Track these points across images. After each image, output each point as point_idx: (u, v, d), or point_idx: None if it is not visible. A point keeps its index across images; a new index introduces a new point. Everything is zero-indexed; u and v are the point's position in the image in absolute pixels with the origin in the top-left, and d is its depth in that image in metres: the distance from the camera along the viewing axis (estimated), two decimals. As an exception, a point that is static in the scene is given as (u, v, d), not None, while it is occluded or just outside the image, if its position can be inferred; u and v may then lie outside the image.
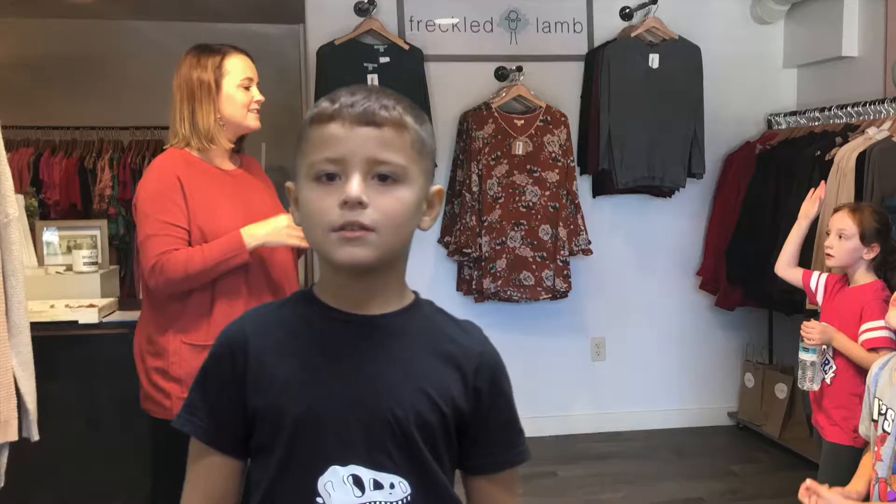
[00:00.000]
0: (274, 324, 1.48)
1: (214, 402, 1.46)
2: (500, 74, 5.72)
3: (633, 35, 5.61)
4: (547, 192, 5.49)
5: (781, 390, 5.61)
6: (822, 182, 4.12)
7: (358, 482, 1.40)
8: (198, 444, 1.48)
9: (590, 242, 5.59)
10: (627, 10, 5.81)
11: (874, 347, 3.39)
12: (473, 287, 5.55)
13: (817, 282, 3.79)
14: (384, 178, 1.37)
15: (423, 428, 1.42)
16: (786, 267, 3.94)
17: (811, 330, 3.51)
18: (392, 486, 1.42)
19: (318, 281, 1.50)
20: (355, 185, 1.34)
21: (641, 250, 6.00)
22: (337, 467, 1.40)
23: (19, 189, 5.57)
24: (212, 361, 1.49)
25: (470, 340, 1.51)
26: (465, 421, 1.47)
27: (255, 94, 3.10)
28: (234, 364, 1.45)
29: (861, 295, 3.54)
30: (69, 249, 4.57)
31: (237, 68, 3.06)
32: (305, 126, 1.42)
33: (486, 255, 5.44)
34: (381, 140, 1.36)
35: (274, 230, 2.94)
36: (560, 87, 5.79)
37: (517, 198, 5.47)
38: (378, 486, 1.41)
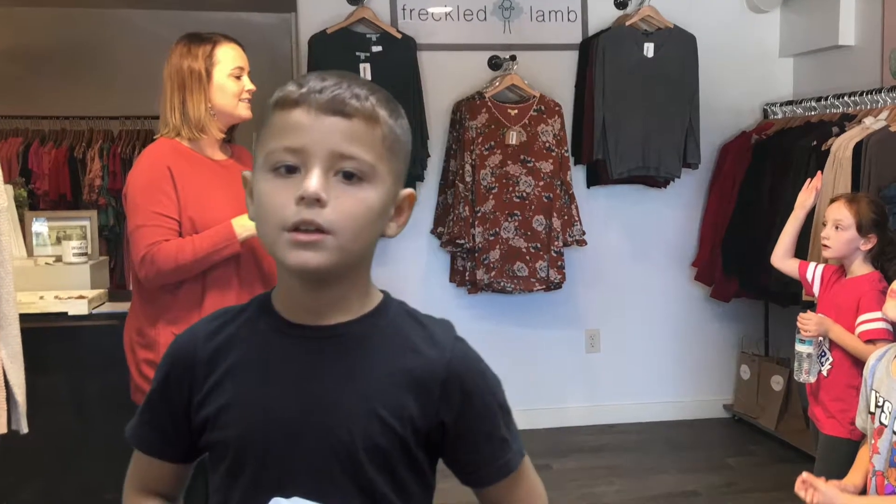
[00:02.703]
0: (225, 340, 1.38)
1: (163, 418, 1.41)
2: (494, 63, 5.69)
3: (627, 24, 5.58)
4: (541, 183, 5.46)
5: (777, 382, 5.59)
6: (819, 172, 4.09)
7: None
8: (143, 453, 1.45)
9: (584, 233, 5.57)
10: (622, -1, 5.79)
11: (871, 339, 3.37)
12: (467, 278, 5.52)
13: (814, 273, 3.77)
14: (349, 175, 1.26)
15: (374, 453, 1.31)
16: (782, 258, 3.92)
17: (807, 321, 3.50)
18: None
19: (276, 287, 1.41)
20: (314, 181, 1.23)
21: (636, 241, 5.98)
22: (280, 499, 1.28)
23: (8, 179, 5.54)
24: (161, 377, 1.42)
25: (436, 349, 1.36)
26: (434, 437, 1.36)
27: (247, 83, 3.09)
28: (181, 383, 1.38)
29: (858, 286, 3.52)
30: (58, 240, 4.54)
31: (228, 57, 3.05)
32: (268, 110, 1.30)
33: (480, 245, 5.41)
34: (349, 132, 1.25)
35: (265, 220, 2.91)
36: (554, 77, 5.76)
37: (511, 188, 5.44)
38: None
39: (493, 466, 1.40)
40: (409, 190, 1.39)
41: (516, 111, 5.48)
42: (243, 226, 2.90)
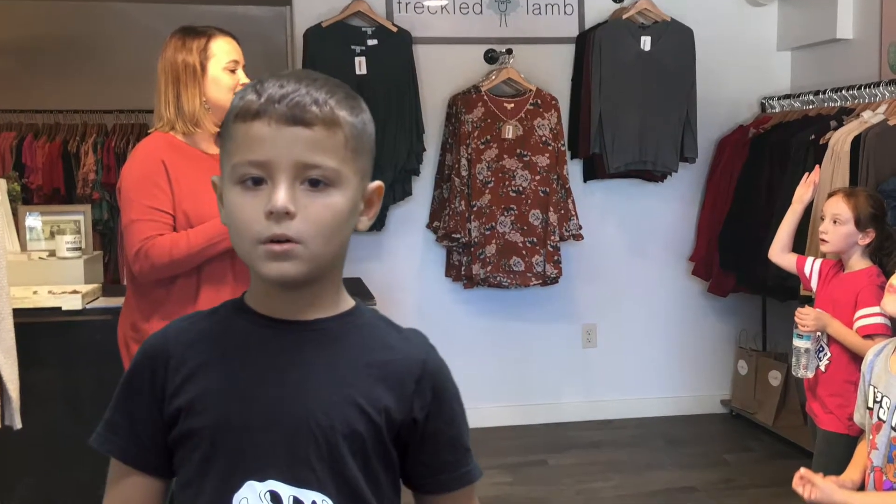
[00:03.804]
0: (197, 335, 1.40)
1: (135, 420, 1.39)
2: (490, 57, 5.67)
3: (624, 17, 5.56)
4: (537, 177, 5.44)
5: (775, 378, 5.58)
6: (817, 166, 4.08)
7: (276, 499, 1.32)
8: (118, 464, 1.41)
9: (581, 227, 5.56)
10: (619, -8, 5.78)
11: (869, 334, 3.35)
12: (462, 273, 5.50)
13: (811, 267, 3.75)
14: (315, 182, 1.28)
15: (352, 439, 1.33)
16: (779, 252, 3.90)
17: (805, 316, 3.48)
18: (313, 503, 1.33)
19: (249, 289, 1.42)
20: (281, 195, 1.25)
21: (633, 235, 5.97)
22: (254, 482, 1.32)
23: (1, 173, 5.52)
24: (131, 377, 1.41)
25: (411, 348, 1.41)
26: (405, 434, 1.38)
27: (241, 77, 3.08)
28: (154, 380, 1.38)
29: (856, 281, 3.50)
30: (52, 235, 4.51)
31: (223, 51, 3.04)
32: (229, 121, 1.31)
33: (476, 240, 5.40)
34: (311, 141, 1.27)
35: (260, 215, 2.90)
36: (551, 70, 5.75)
37: (507, 182, 5.43)
38: (298, 503, 1.33)
39: (456, 473, 1.43)
40: (377, 183, 1.41)
41: (512, 105, 5.47)
42: (238, 220, 2.88)
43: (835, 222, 3.52)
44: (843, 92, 5.07)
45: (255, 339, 1.37)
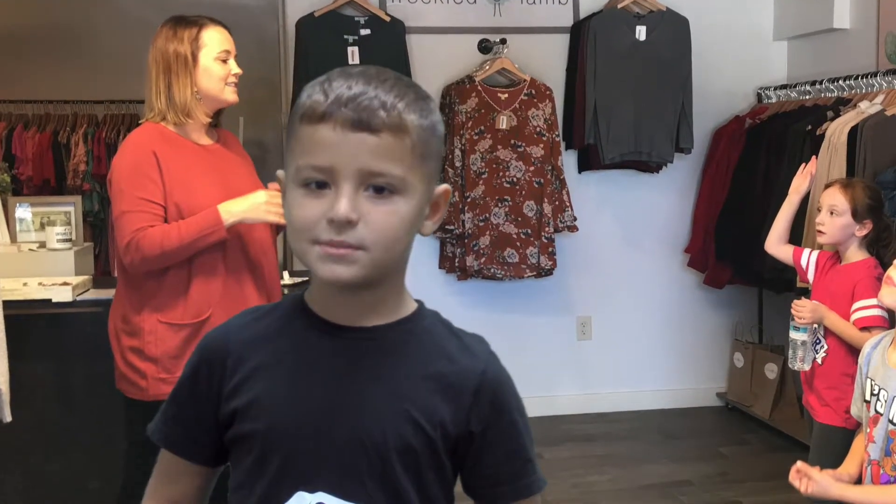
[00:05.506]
0: (256, 334, 1.38)
1: (188, 413, 1.40)
2: (484, 47, 5.64)
3: (619, 6, 5.54)
4: (531, 168, 5.42)
5: (771, 370, 5.57)
6: (814, 157, 4.06)
7: None
8: (166, 452, 1.42)
9: (575, 219, 5.54)
10: (614, -19, 5.75)
11: (866, 326, 3.33)
12: (456, 265, 5.50)
13: (808, 259, 3.73)
14: (379, 189, 1.25)
15: (405, 453, 1.31)
16: (776, 244, 3.88)
17: (802, 308, 3.46)
18: None
19: (310, 287, 1.40)
20: (344, 204, 1.22)
21: (628, 227, 5.95)
22: (304, 493, 1.30)
23: (-9, 164, 5.47)
24: (190, 371, 1.41)
25: (471, 358, 1.38)
26: (462, 447, 1.35)
27: (233, 67, 3.08)
28: (212, 377, 1.37)
29: (853, 273, 3.48)
30: (42, 226, 4.50)
31: (214, 41, 3.03)
32: (295, 120, 1.28)
33: (470, 231, 5.38)
34: (377, 148, 1.23)
35: (252, 206, 2.92)
36: (545, 60, 5.73)
37: (501, 173, 5.41)
38: None
39: (515, 485, 1.39)
40: (444, 186, 1.37)
41: (507, 95, 5.44)
42: (230, 211, 2.90)
43: (832, 213, 3.50)
44: (840, 82, 5.06)
45: (313, 345, 1.35)
